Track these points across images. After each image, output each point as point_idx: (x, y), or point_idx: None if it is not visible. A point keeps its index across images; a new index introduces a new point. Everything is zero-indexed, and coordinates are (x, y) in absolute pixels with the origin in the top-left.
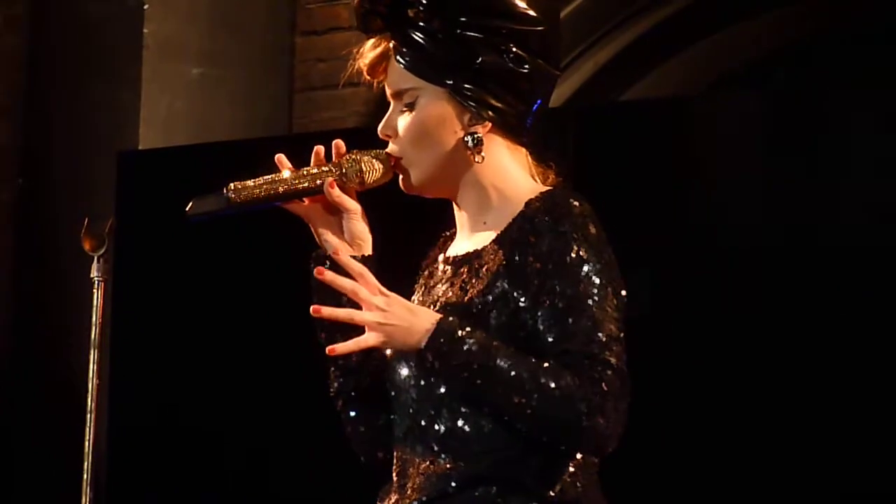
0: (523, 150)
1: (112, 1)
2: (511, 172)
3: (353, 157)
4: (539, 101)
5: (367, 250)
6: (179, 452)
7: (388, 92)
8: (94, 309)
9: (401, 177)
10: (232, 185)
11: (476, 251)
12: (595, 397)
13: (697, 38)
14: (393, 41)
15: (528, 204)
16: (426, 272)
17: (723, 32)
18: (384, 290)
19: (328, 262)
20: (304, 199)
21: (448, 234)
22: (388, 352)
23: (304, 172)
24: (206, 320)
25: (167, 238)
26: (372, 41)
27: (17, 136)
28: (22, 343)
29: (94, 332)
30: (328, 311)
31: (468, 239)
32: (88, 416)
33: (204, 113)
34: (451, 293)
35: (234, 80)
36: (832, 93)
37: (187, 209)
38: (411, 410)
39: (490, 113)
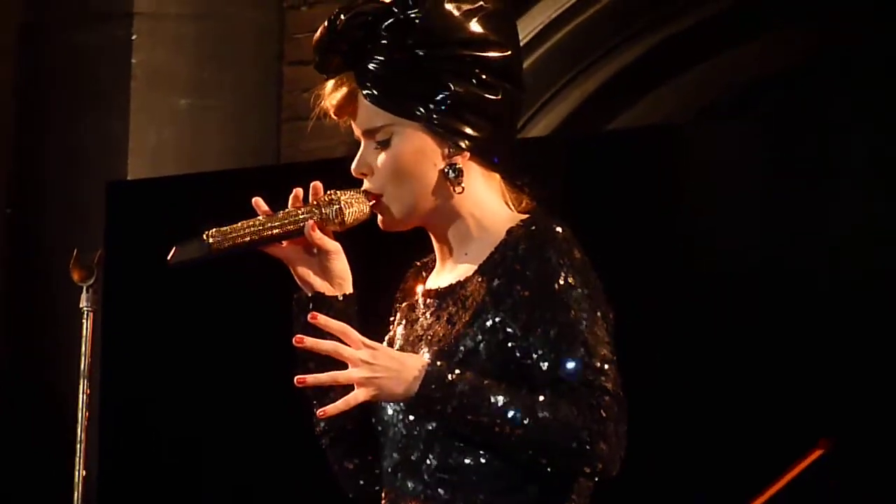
0: (497, 175)
1: (100, 31)
2: (487, 200)
3: (332, 197)
4: (510, 124)
5: (348, 288)
6: (169, 482)
7: (358, 130)
8: (83, 339)
9: (379, 216)
10: (212, 231)
11: (459, 282)
12: (595, 424)
13: (685, 66)
14: (357, 79)
15: (509, 232)
16: (405, 304)
17: (710, 60)
18: (367, 341)
19: (311, 305)
20: (284, 241)
21: (421, 263)
22: None
23: (284, 215)
24: (195, 350)
25: (156, 268)
26: (333, 81)
27: (5, 166)
28: (11, 373)
29: (83, 363)
30: (313, 379)
31: (450, 271)
32: (78, 445)
33: (192, 143)
34: (438, 327)
35: (222, 111)
36: (823, 118)
37: (168, 258)
38: (400, 445)
39: (467, 142)
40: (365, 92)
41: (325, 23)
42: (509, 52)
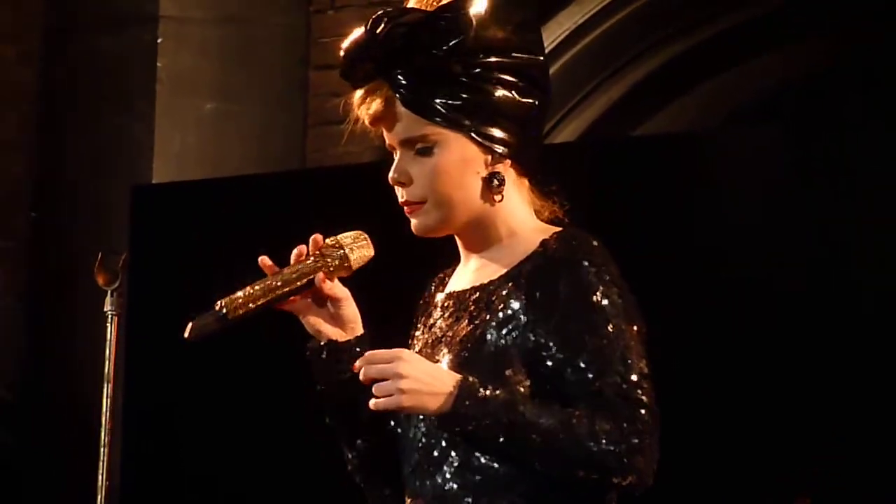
0: (526, 182)
1: (125, 35)
2: (518, 208)
3: (334, 245)
4: (540, 131)
5: (359, 330)
6: (192, 487)
7: (393, 139)
8: (108, 343)
9: (413, 221)
10: (224, 301)
11: (483, 285)
12: (633, 437)
13: (711, 73)
14: (394, 88)
15: (544, 243)
16: (424, 314)
17: (736, 67)
18: (398, 352)
19: (324, 353)
20: (297, 295)
21: (444, 273)
22: None
23: (290, 271)
24: (219, 355)
25: (181, 272)
26: (365, 89)
27: (30, 171)
28: (36, 376)
29: (107, 366)
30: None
31: (471, 275)
32: (102, 449)
33: (217, 147)
34: (458, 328)
35: (247, 115)
36: (847, 125)
37: (186, 333)
38: (421, 444)
39: (508, 150)
40: (405, 101)
41: (360, 30)
42: (541, 59)
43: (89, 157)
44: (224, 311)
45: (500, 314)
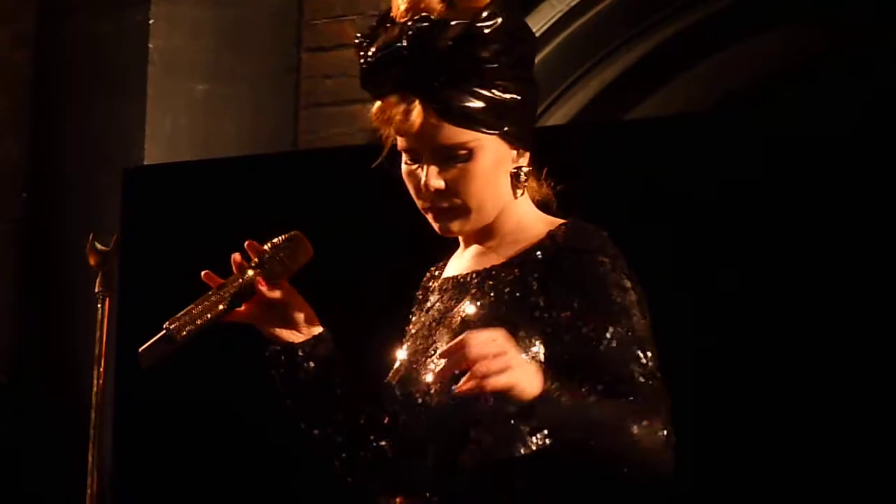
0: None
1: (118, 17)
2: (524, 197)
3: (270, 249)
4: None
5: (317, 328)
6: (184, 467)
7: (428, 148)
8: (98, 323)
9: (447, 225)
10: (171, 325)
11: (485, 269)
12: (667, 425)
13: (704, 55)
14: (426, 96)
15: (552, 234)
16: (420, 302)
17: (729, 50)
18: (500, 331)
19: (283, 357)
20: (241, 304)
21: (434, 268)
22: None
23: (231, 282)
24: (210, 335)
25: (172, 253)
26: (391, 100)
27: (23, 152)
28: (28, 357)
29: (98, 347)
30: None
31: (472, 259)
32: (92, 430)
33: (209, 129)
34: (458, 308)
35: (239, 97)
36: (838, 109)
37: (140, 361)
38: (426, 437)
39: (528, 143)
40: (443, 111)
41: (386, 39)
42: (534, 45)
43: (81, 139)
44: (173, 333)
45: (507, 297)
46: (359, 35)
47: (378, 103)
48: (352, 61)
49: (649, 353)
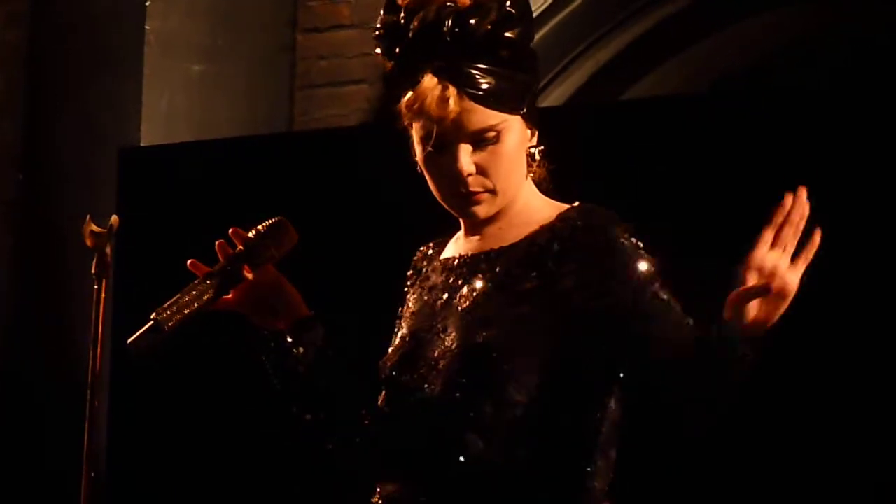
0: None
1: None
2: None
3: (255, 236)
4: None
5: (303, 311)
6: (180, 449)
7: (459, 132)
8: (94, 305)
9: (476, 209)
10: (159, 315)
11: (496, 250)
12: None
13: (699, 36)
14: (464, 84)
15: (564, 215)
16: (418, 283)
17: (724, 31)
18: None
19: (272, 343)
20: (230, 292)
21: (430, 246)
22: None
23: (217, 270)
24: (207, 316)
25: (169, 234)
26: (432, 85)
27: (18, 133)
28: (24, 339)
29: (94, 329)
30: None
31: (479, 240)
32: (88, 412)
33: (205, 110)
34: (470, 287)
35: (235, 78)
36: (835, 92)
37: (129, 348)
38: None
39: (537, 122)
40: (477, 96)
41: (418, 27)
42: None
43: (77, 120)
44: (161, 323)
45: (519, 275)
46: (380, 25)
47: (409, 93)
48: (347, 42)
49: (689, 324)
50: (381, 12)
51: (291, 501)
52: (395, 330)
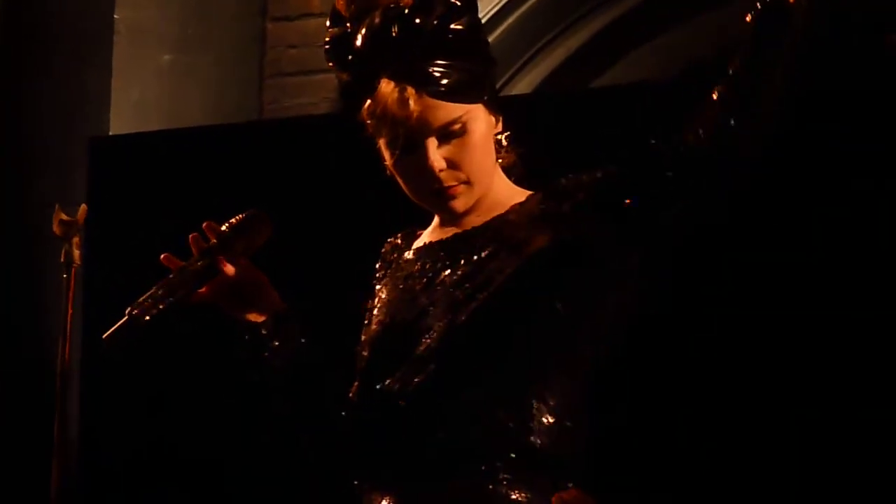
0: None
1: None
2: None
3: (228, 229)
4: None
5: (278, 304)
6: (152, 442)
7: (427, 130)
8: (64, 294)
9: (455, 201)
10: (133, 310)
11: (467, 231)
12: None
13: (669, 24)
14: (422, 84)
15: (532, 197)
16: (389, 272)
17: (695, 18)
18: None
19: (247, 336)
20: (204, 286)
21: (400, 236)
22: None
23: (191, 264)
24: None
25: (139, 223)
26: (391, 88)
27: None
28: None
29: (63, 318)
30: None
31: (449, 226)
32: (58, 402)
33: (174, 99)
34: (451, 269)
35: (204, 67)
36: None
37: (105, 343)
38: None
39: (499, 110)
40: (437, 93)
41: (366, 32)
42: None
43: (47, 110)
44: (136, 316)
45: (523, 247)
46: (329, 39)
47: (368, 101)
48: (317, 31)
49: None
50: (328, 25)
51: (268, 495)
52: (366, 322)
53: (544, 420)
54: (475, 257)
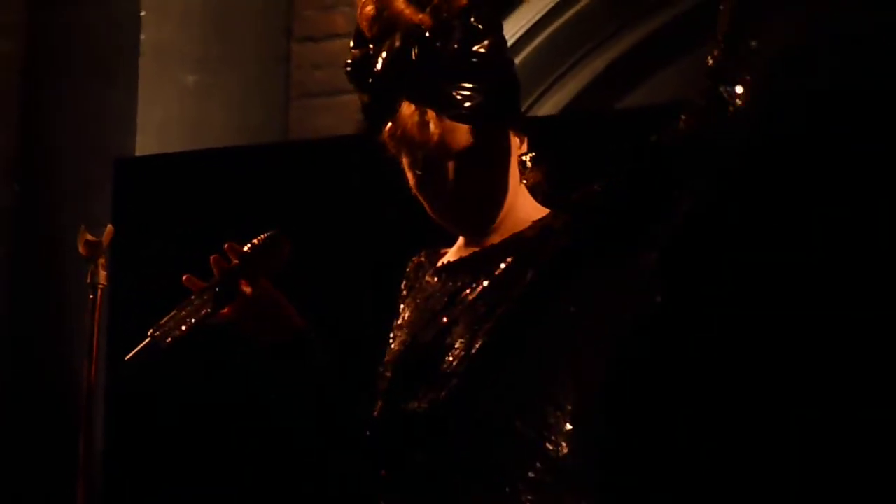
0: None
1: (108, 7)
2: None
3: (250, 250)
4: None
5: (300, 325)
6: (176, 460)
7: (446, 152)
8: (89, 314)
9: (460, 225)
10: (156, 332)
11: (486, 248)
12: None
13: (695, 45)
14: (442, 107)
15: (554, 215)
16: (413, 292)
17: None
18: None
19: (268, 356)
20: (225, 307)
21: (424, 255)
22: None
23: (213, 285)
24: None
25: (164, 244)
26: (404, 116)
27: (13, 143)
28: (19, 350)
29: (89, 338)
30: None
31: (474, 245)
32: (83, 423)
33: (199, 120)
34: (475, 287)
35: (229, 87)
36: (828, 97)
37: (127, 365)
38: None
39: (524, 130)
40: (456, 113)
41: (386, 57)
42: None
43: (72, 130)
44: (156, 340)
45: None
46: (350, 60)
47: (389, 123)
48: (342, 52)
49: None
50: (351, 45)
51: None
52: (390, 341)
53: (563, 427)
54: (494, 273)
